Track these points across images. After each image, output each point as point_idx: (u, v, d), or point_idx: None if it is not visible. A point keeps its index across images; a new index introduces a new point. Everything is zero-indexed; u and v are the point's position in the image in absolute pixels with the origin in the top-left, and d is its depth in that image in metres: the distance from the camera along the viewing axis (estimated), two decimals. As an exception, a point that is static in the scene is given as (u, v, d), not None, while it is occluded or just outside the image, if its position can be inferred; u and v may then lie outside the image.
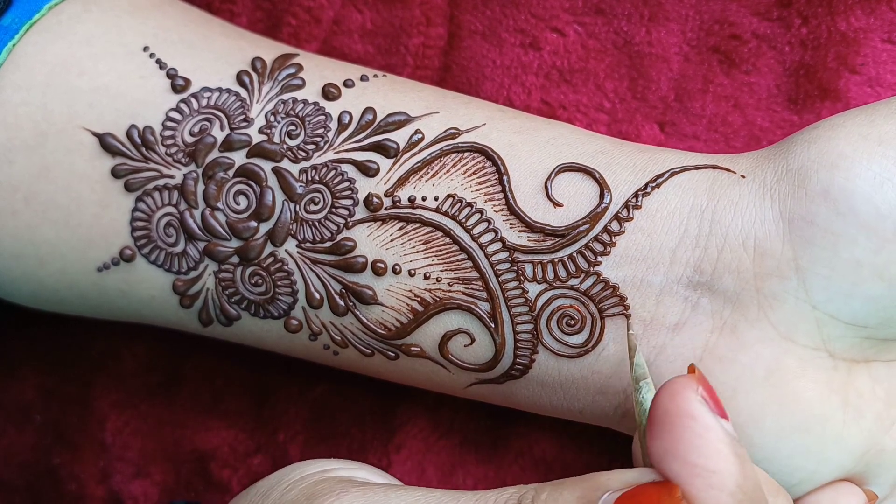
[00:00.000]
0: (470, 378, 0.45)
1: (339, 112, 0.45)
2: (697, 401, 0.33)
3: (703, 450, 0.33)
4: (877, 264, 0.40)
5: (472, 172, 0.44)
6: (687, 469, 0.33)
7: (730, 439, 0.33)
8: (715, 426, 0.33)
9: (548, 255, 0.43)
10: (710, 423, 0.33)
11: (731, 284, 0.41)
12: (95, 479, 0.58)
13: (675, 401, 0.33)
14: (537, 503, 0.35)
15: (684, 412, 0.33)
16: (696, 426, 0.33)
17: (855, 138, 0.41)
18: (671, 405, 0.33)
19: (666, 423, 0.33)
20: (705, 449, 0.33)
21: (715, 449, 0.33)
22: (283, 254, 0.45)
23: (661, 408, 0.34)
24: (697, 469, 0.32)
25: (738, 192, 0.42)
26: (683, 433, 0.33)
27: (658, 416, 0.34)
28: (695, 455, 0.32)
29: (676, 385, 0.34)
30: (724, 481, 0.32)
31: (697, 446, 0.33)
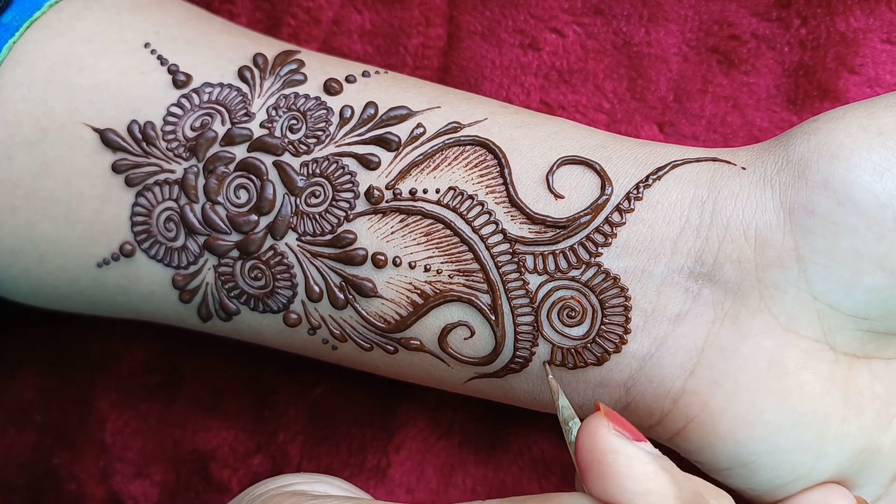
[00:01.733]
0: (469, 372, 0.45)
1: (340, 106, 0.46)
2: (614, 436, 0.35)
3: (635, 477, 0.34)
4: (877, 254, 0.40)
5: (473, 165, 0.44)
6: (627, 498, 0.34)
7: (654, 459, 0.35)
8: (636, 453, 0.35)
9: (549, 247, 0.43)
10: (630, 452, 0.35)
11: (732, 275, 0.41)
12: (95, 480, 0.58)
13: (593, 441, 0.35)
14: None
15: (606, 449, 0.35)
16: (620, 458, 0.34)
17: (854, 129, 0.41)
18: (592, 446, 0.35)
19: (593, 464, 0.35)
20: (636, 475, 0.34)
21: (643, 472, 0.34)
22: (283, 247, 0.45)
23: (585, 451, 0.35)
24: (636, 496, 0.34)
25: (738, 183, 0.42)
26: (611, 468, 0.34)
27: (584, 459, 0.35)
28: (629, 484, 0.34)
29: (590, 426, 0.35)
30: (664, 497, 0.34)
31: (628, 476, 0.34)
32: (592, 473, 0.35)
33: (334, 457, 0.55)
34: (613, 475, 0.34)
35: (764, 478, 0.43)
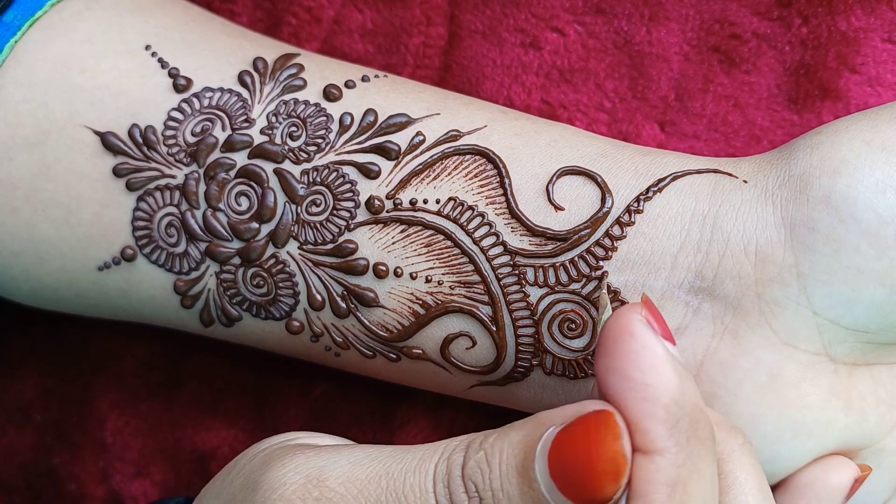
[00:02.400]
0: (471, 380, 0.45)
1: (340, 113, 0.45)
2: (638, 320, 0.34)
3: (639, 364, 0.33)
4: (878, 271, 0.40)
5: (473, 175, 0.44)
6: (623, 383, 0.33)
7: (669, 357, 0.34)
8: (654, 344, 0.34)
9: (549, 260, 0.43)
10: (648, 341, 0.34)
11: (732, 290, 0.41)
12: (95, 479, 0.58)
13: (618, 320, 0.34)
14: (485, 445, 0.35)
15: (625, 330, 0.34)
16: (634, 343, 0.34)
17: (858, 144, 0.41)
18: (614, 326, 0.34)
19: (609, 341, 0.34)
20: (641, 364, 0.33)
21: (650, 364, 0.33)
22: (284, 255, 0.45)
23: (606, 329, 0.35)
24: (632, 383, 0.33)
25: (739, 197, 0.42)
26: (622, 349, 0.34)
27: (603, 336, 0.35)
28: (631, 369, 0.33)
29: (622, 308, 0.35)
30: (659, 395, 0.33)
31: (634, 361, 0.33)
32: (605, 351, 0.34)
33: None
34: (622, 356, 0.34)
35: None
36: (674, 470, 0.33)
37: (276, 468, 0.38)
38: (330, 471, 0.37)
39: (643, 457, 0.33)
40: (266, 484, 0.37)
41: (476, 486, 0.35)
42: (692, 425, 0.34)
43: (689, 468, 0.33)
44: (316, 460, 0.38)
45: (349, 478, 0.37)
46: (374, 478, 0.37)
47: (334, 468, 0.37)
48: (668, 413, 0.33)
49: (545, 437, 0.34)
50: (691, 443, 0.33)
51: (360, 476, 0.37)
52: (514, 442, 0.35)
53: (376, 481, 0.36)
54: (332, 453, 0.38)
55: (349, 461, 0.37)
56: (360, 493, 0.36)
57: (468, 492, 0.35)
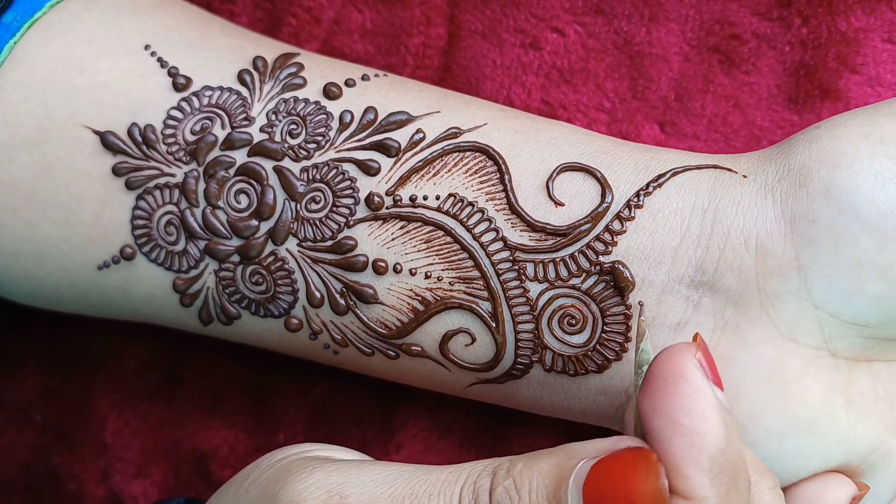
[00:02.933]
0: (470, 378, 0.45)
1: (340, 111, 0.46)
2: (693, 364, 0.34)
3: (690, 410, 0.33)
4: (879, 264, 0.40)
5: (473, 172, 0.44)
6: (671, 427, 0.33)
7: (719, 406, 0.33)
8: (706, 390, 0.33)
9: (549, 255, 0.43)
10: (701, 387, 0.33)
11: (732, 284, 0.41)
12: (96, 479, 0.58)
13: (671, 362, 0.34)
14: (512, 473, 0.35)
15: (678, 373, 0.34)
16: (687, 387, 0.33)
17: (857, 138, 0.41)
18: (667, 365, 0.34)
19: (659, 381, 0.34)
20: (692, 410, 0.33)
21: (701, 411, 0.33)
22: (283, 252, 0.45)
23: (657, 368, 0.34)
24: (681, 428, 0.33)
25: (739, 191, 0.42)
26: (673, 392, 0.33)
27: (653, 375, 0.34)
28: (681, 414, 0.33)
29: (675, 348, 0.34)
30: (706, 444, 0.33)
31: (685, 406, 0.33)
32: (653, 390, 0.34)
33: (335, 456, 0.55)
34: (673, 400, 0.33)
35: None
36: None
37: (295, 482, 0.37)
38: (352, 487, 0.37)
39: (682, 501, 0.33)
40: (286, 497, 0.37)
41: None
42: (734, 477, 0.34)
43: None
44: (337, 476, 0.37)
45: (371, 496, 0.36)
46: (397, 497, 0.36)
47: (356, 485, 0.37)
48: (713, 462, 0.33)
49: (578, 468, 0.34)
50: (731, 495, 0.33)
51: (382, 495, 0.36)
52: (545, 471, 0.35)
53: (399, 501, 0.36)
54: (353, 469, 0.38)
55: (371, 479, 0.37)
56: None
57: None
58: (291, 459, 0.40)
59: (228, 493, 0.41)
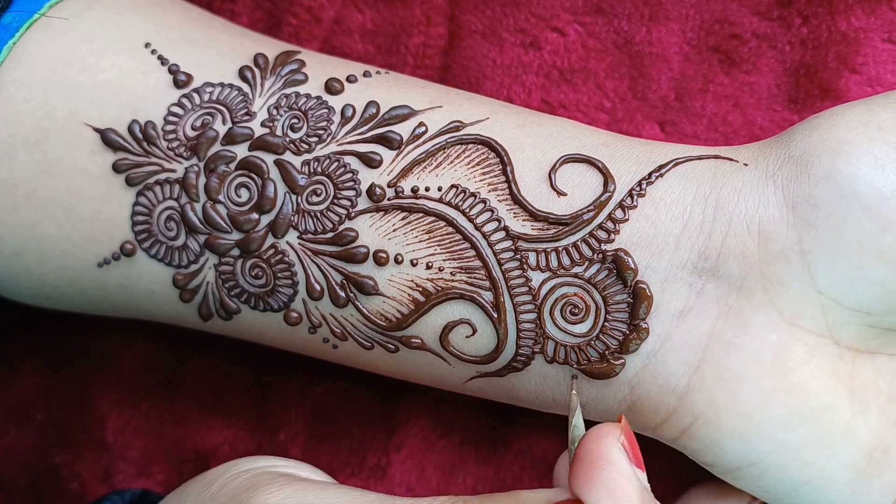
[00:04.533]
0: (471, 371, 0.45)
1: (342, 105, 0.46)
2: (617, 448, 0.36)
3: (613, 492, 0.35)
4: (880, 247, 0.40)
5: (475, 163, 0.44)
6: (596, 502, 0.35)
7: (640, 489, 0.36)
8: (628, 474, 0.36)
9: (552, 244, 0.43)
10: (624, 470, 0.36)
11: (736, 269, 0.41)
12: (97, 479, 0.58)
13: (598, 444, 0.36)
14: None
15: (604, 456, 0.36)
16: (612, 470, 0.35)
17: (855, 125, 0.41)
18: (594, 447, 0.36)
19: (586, 462, 0.36)
20: (617, 492, 0.35)
21: (624, 494, 0.35)
22: (283, 245, 0.45)
23: (584, 447, 0.36)
24: None
25: (741, 178, 0.42)
26: (600, 474, 0.35)
27: (580, 457, 0.36)
28: (605, 496, 0.35)
29: (601, 430, 0.36)
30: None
31: (610, 488, 0.35)
32: (580, 469, 0.36)
33: (335, 455, 0.55)
34: (599, 481, 0.35)
35: (775, 479, 0.43)
36: None
37: (265, 494, 0.38)
38: None
39: None
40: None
41: None
42: None
43: None
44: (305, 494, 0.38)
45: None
46: None
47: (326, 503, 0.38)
48: None
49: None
50: None
51: None
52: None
53: None
54: (322, 490, 0.39)
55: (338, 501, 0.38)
56: None
57: None
58: (260, 472, 0.41)
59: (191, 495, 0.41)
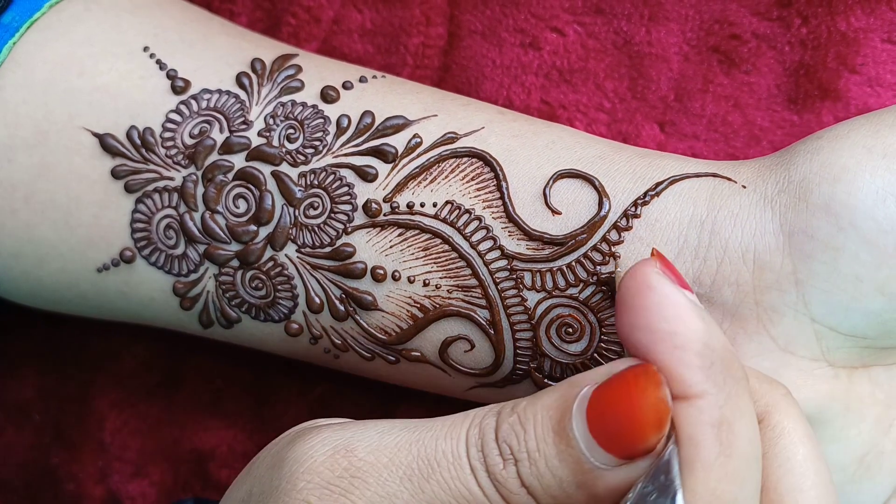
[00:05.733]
0: (470, 382, 0.45)
1: (337, 115, 0.45)
2: (655, 272, 0.34)
3: (663, 314, 0.34)
4: (877, 279, 0.40)
5: (470, 178, 0.44)
6: (650, 336, 0.34)
7: (691, 304, 0.34)
8: (674, 293, 0.34)
9: (546, 264, 0.43)
10: (668, 291, 0.34)
11: (730, 297, 0.41)
12: (94, 479, 0.58)
13: (634, 277, 0.35)
14: (517, 410, 0.36)
15: (643, 284, 0.34)
16: (654, 295, 0.34)
17: (859, 150, 0.40)
18: (631, 282, 0.35)
19: (628, 299, 0.34)
20: (665, 313, 0.34)
21: (674, 312, 0.34)
22: (283, 258, 0.45)
23: (623, 288, 0.35)
24: (660, 334, 0.34)
25: (738, 202, 0.42)
26: (643, 303, 0.34)
27: (621, 296, 0.35)
28: (656, 320, 0.34)
29: (636, 265, 0.35)
30: (689, 340, 0.33)
31: (657, 312, 0.34)
32: (625, 309, 0.34)
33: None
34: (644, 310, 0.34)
35: None
36: (717, 410, 0.33)
37: (301, 443, 0.38)
38: (358, 441, 0.37)
39: (684, 403, 0.33)
40: (292, 458, 0.37)
41: (511, 448, 0.35)
42: (726, 366, 0.34)
43: (730, 407, 0.34)
44: (342, 432, 0.38)
45: (378, 446, 0.37)
46: (403, 445, 0.36)
47: (362, 438, 0.37)
48: (701, 358, 0.33)
49: (580, 396, 0.35)
50: (728, 383, 0.34)
51: (389, 444, 0.37)
52: (548, 404, 0.35)
53: (406, 448, 0.36)
54: (359, 426, 0.38)
55: (377, 431, 0.37)
56: (391, 462, 0.36)
57: (503, 454, 0.35)
58: (298, 430, 0.40)
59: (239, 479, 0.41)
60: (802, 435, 0.38)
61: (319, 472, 0.36)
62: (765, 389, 0.38)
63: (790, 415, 0.38)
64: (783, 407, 0.38)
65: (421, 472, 0.36)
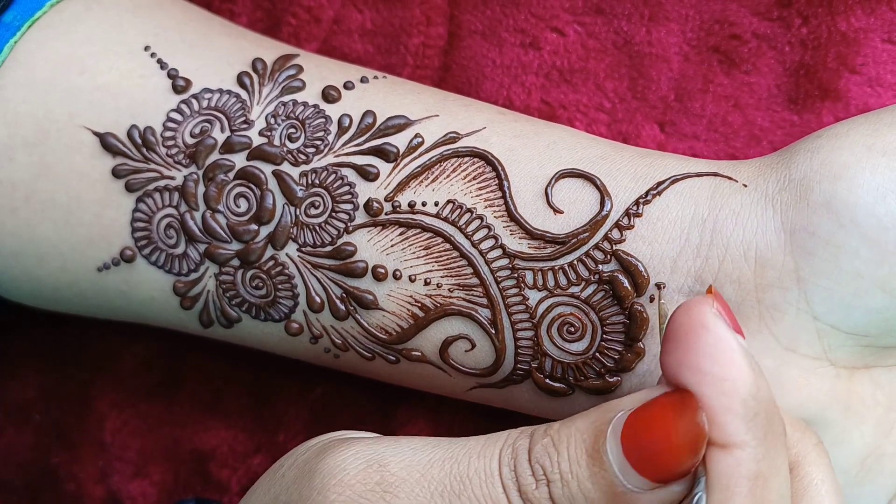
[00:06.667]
0: (471, 382, 0.45)
1: (339, 115, 0.45)
2: (712, 313, 0.34)
3: (716, 358, 0.33)
4: (878, 276, 0.40)
5: (471, 178, 0.44)
6: (699, 377, 0.33)
7: (743, 351, 0.33)
8: (728, 337, 0.33)
9: (548, 263, 0.43)
10: (722, 335, 0.33)
11: (732, 295, 0.41)
12: (94, 479, 0.58)
13: (689, 314, 0.34)
14: (551, 432, 0.36)
15: (698, 323, 0.33)
16: (709, 336, 0.33)
17: (859, 149, 0.40)
18: (685, 318, 0.34)
19: (680, 335, 0.34)
20: (718, 357, 0.33)
21: (727, 358, 0.33)
22: (283, 257, 0.45)
23: (675, 322, 0.34)
24: (709, 377, 0.33)
25: (739, 201, 0.42)
26: (696, 343, 0.33)
27: (672, 330, 0.34)
28: (707, 363, 0.33)
29: (692, 301, 0.34)
30: (737, 388, 0.33)
31: (709, 355, 0.33)
32: (676, 345, 0.34)
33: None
34: (696, 350, 0.33)
35: None
36: (754, 464, 0.33)
37: (333, 455, 0.38)
38: (391, 456, 0.37)
39: (722, 450, 0.33)
40: (324, 470, 0.37)
41: (544, 469, 0.35)
42: (768, 420, 0.34)
43: (767, 462, 0.33)
44: (375, 446, 0.38)
45: (411, 462, 0.37)
46: (437, 461, 0.37)
47: (395, 453, 0.37)
48: (746, 407, 0.33)
49: (615, 420, 0.35)
50: (769, 437, 0.34)
51: (421, 460, 0.37)
52: (582, 427, 0.35)
53: (439, 465, 0.36)
54: (391, 442, 0.38)
55: (410, 447, 0.37)
56: (423, 477, 0.36)
57: (535, 475, 0.35)
58: (328, 440, 0.40)
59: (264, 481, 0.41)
60: (830, 487, 0.38)
61: (352, 485, 0.37)
62: (797, 437, 0.38)
63: (820, 466, 0.38)
64: (814, 458, 0.38)
65: (453, 489, 0.36)
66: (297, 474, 0.39)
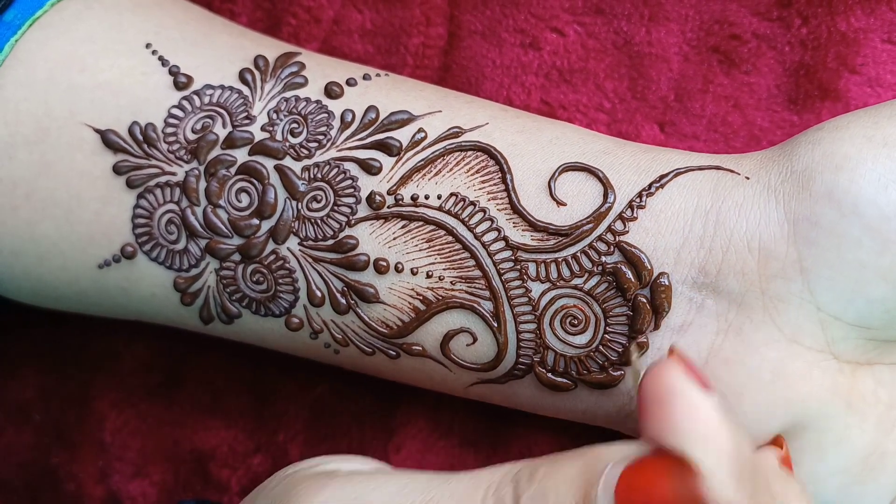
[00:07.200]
0: (472, 377, 0.45)
1: (341, 110, 0.45)
2: (682, 378, 0.33)
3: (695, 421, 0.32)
4: (881, 266, 0.40)
5: (475, 171, 0.44)
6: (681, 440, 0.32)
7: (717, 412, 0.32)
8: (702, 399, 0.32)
9: (551, 255, 0.43)
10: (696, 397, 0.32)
11: (735, 286, 0.41)
12: (94, 479, 0.58)
13: (659, 380, 0.33)
14: (535, 480, 0.34)
15: (670, 389, 0.33)
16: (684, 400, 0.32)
17: (859, 140, 0.41)
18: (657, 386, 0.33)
19: (654, 402, 0.33)
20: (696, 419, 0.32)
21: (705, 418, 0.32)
22: (284, 251, 0.45)
23: (647, 391, 0.33)
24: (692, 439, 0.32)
25: (742, 193, 0.42)
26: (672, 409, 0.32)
27: (646, 399, 0.33)
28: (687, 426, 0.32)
29: (658, 367, 0.33)
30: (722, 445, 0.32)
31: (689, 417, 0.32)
32: (651, 412, 0.33)
33: (334, 456, 0.55)
34: (673, 415, 0.32)
35: None
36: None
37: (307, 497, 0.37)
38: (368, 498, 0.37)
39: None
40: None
41: None
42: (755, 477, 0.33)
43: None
44: (351, 488, 0.37)
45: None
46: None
47: (374, 496, 0.37)
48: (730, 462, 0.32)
49: (606, 473, 0.33)
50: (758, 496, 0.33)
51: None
52: (570, 477, 0.34)
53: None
54: (368, 481, 0.38)
55: (387, 490, 0.37)
56: None
57: None
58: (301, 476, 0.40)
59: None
60: None
61: None
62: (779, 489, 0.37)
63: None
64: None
65: None
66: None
